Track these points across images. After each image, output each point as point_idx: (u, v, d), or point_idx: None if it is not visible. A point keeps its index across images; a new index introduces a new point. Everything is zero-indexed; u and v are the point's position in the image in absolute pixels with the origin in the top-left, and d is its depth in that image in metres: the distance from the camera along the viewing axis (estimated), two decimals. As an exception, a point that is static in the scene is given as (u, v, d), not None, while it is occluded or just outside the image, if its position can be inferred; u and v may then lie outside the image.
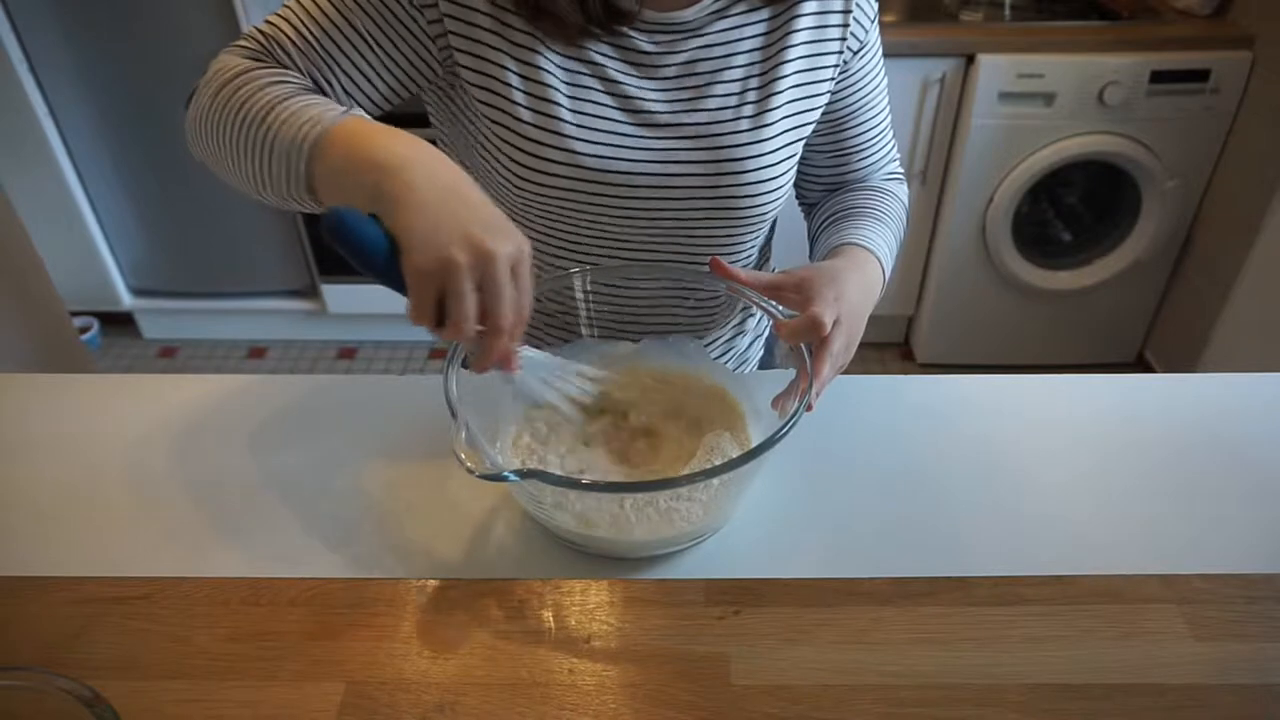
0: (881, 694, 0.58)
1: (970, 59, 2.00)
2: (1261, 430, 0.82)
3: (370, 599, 0.65)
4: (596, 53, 0.76)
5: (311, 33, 0.72)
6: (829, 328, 0.70)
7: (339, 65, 0.73)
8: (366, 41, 0.73)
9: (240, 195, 0.73)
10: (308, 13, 0.73)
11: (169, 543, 0.71)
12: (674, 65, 0.78)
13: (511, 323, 0.58)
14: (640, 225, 0.81)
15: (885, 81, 0.89)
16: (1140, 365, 2.47)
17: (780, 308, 0.75)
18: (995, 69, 1.98)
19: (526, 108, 0.75)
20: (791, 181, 0.86)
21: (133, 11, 2.08)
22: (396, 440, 0.81)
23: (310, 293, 2.54)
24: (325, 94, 0.73)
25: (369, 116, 0.66)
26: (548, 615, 0.64)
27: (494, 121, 0.77)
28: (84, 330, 2.53)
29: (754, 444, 0.70)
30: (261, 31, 0.74)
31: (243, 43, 0.74)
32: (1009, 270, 2.25)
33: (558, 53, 0.75)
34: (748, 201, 0.81)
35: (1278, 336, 1.92)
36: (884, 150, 0.93)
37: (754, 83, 0.79)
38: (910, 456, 0.79)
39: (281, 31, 0.73)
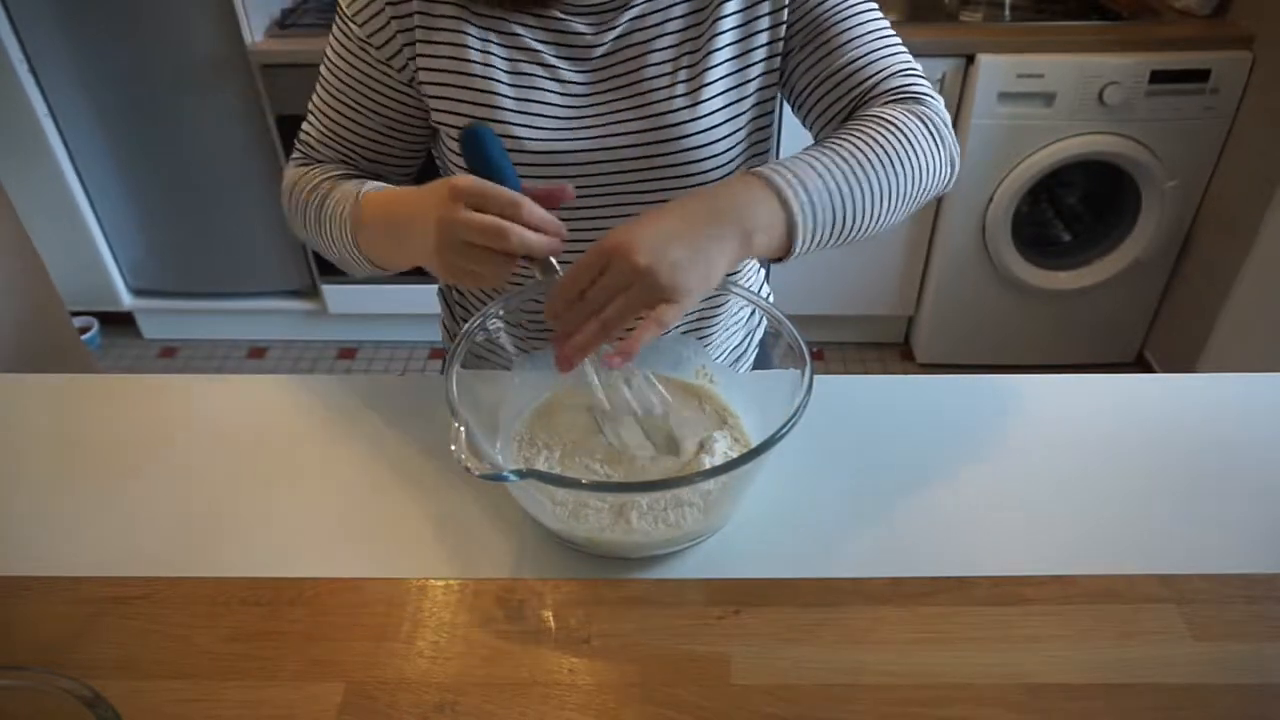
0: (881, 694, 0.58)
1: (970, 59, 2.00)
2: (1261, 430, 0.82)
3: (370, 599, 0.65)
4: (533, 40, 0.78)
5: (325, 126, 0.84)
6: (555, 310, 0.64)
7: (355, 144, 0.84)
8: (362, 113, 0.82)
9: (240, 195, 0.82)
10: (317, 108, 0.84)
11: (169, 543, 0.71)
12: (606, 43, 0.79)
13: (510, 199, 0.64)
14: (593, 206, 0.82)
15: (858, 3, 0.79)
16: (1140, 365, 2.47)
17: (767, 297, 0.74)
18: (995, 69, 1.98)
19: (469, 102, 0.78)
20: (738, 151, 0.81)
21: (133, 11, 2.08)
22: (396, 440, 0.81)
23: (310, 293, 2.54)
24: (357, 169, 0.86)
25: (368, 185, 0.78)
26: (548, 615, 0.64)
27: (442, 123, 0.80)
28: (84, 330, 2.52)
29: (753, 444, 0.70)
30: (299, 139, 0.87)
31: (294, 154, 0.88)
32: (1009, 270, 2.25)
33: (497, 44, 0.77)
34: (691, 168, 0.80)
35: (1278, 336, 1.92)
36: (880, 64, 0.78)
37: (685, 60, 0.80)
38: (910, 456, 0.79)
39: (308, 135, 0.85)
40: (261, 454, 0.80)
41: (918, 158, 0.73)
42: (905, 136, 0.73)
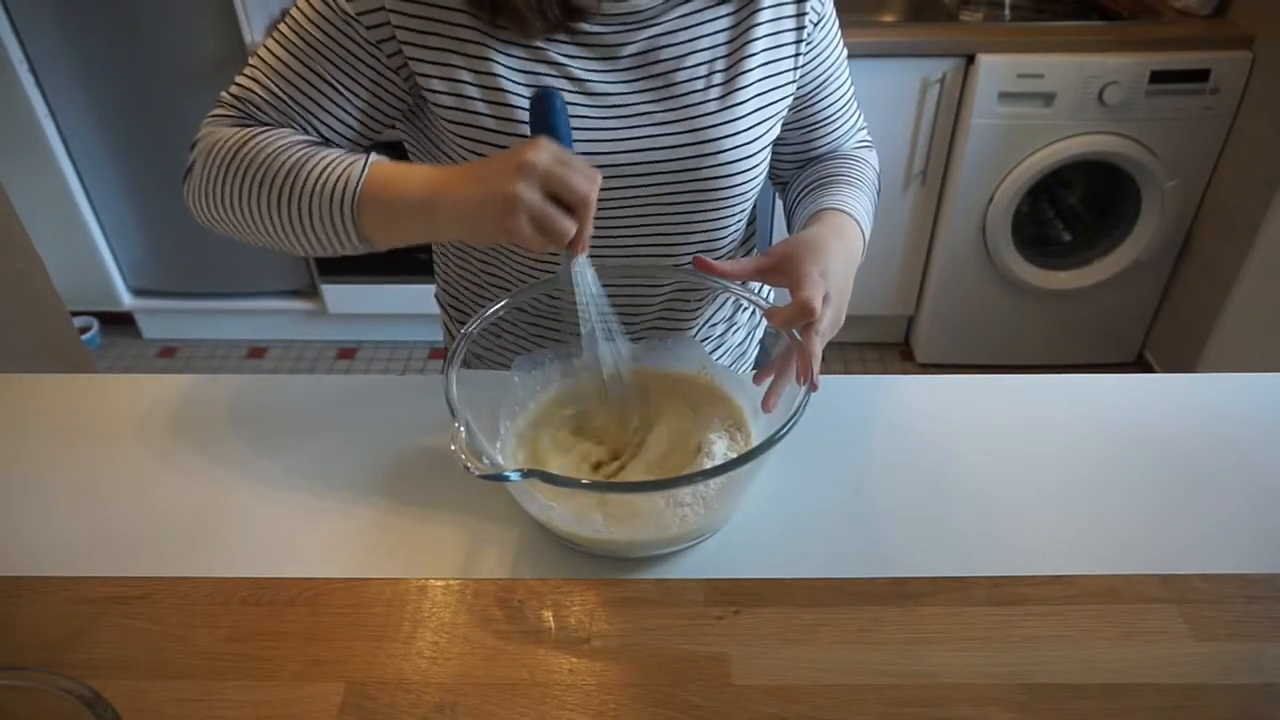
0: (881, 694, 0.58)
1: (970, 59, 2.00)
2: (1261, 430, 0.82)
3: (370, 599, 0.65)
4: (556, 53, 0.77)
5: (282, 89, 0.76)
6: (820, 310, 0.70)
7: (314, 115, 0.77)
8: (334, 87, 0.77)
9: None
10: (273, 69, 0.76)
11: (169, 543, 0.71)
12: (631, 54, 0.78)
13: (586, 193, 0.64)
14: (622, 214, 0.82)
15: (845, 54, 0.90)
16: (1140, 365, 2.47)
17: (766, 297, 0.75)
18: (995, 69, 1.98)
19: (489, 115, 0.76)
20: (767, 160, 0.86)
21: (133, 12, 2.08)
22: (396, 440, 0.81)
23: (310, 293, 2.54)
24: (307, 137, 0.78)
25: (374, 157, 0.72)
26: (548, 615, 0.64)
27: (463, 136, 0.78)
28: (84, 330, 2.52)
29: (754, 443, 0.70)
30: (234, 96, 0.78)
31: (220, 111, 0.78)
32: (1009, 270, 2.25)
33: (516, 56, 0.76)
34: (724, 181, 0.82)
35: (1278, 336, 1.92)
36: (851, 120, 0.93)
37: (720, 64, 0.80)
38: (910, 456, 0.79)
39: (252, 93, 0.77)
40: (261, 454, 0.80)
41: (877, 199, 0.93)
42: (879, 187, 0.94)
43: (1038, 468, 0.78)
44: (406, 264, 2.42)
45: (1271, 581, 0.66)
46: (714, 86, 0.80)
